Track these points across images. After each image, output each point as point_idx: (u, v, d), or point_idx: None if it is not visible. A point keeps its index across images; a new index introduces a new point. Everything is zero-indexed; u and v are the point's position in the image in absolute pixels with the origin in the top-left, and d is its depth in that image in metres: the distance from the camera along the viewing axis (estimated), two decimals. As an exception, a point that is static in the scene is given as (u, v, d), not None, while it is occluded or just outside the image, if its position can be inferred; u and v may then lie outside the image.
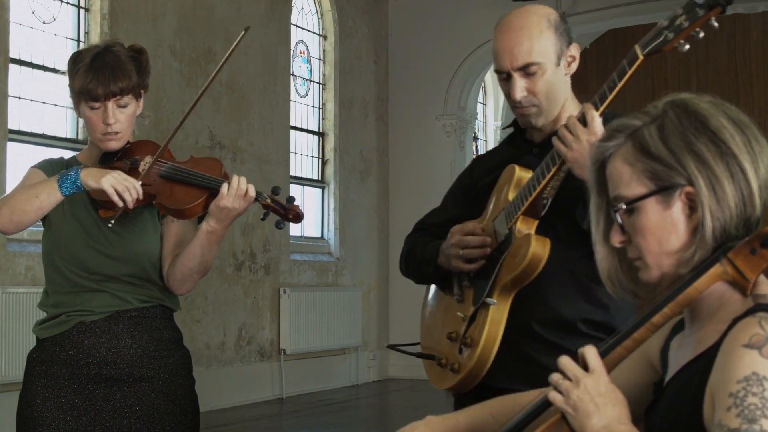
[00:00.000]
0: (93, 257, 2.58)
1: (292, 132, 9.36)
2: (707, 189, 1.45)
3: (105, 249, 2.59)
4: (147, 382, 2.59)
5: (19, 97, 6.71)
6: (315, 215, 9.87)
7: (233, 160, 8.35)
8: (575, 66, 2.38)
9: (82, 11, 7.18)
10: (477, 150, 11.66)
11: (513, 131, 2.51)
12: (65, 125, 7.07)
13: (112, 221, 2.49)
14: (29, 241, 6.51)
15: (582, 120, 2.14)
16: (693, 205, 1.47)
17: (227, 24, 8.38)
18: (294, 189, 9.37)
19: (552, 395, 1.48)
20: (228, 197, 2.47)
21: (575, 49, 2.38)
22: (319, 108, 10.04)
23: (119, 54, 2.60)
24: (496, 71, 2.40)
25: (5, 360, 6.13)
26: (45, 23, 6.97)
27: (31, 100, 6.82)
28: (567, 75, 2.37)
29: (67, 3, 7.12)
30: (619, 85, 2.09)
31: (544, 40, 2.32)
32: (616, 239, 1.54)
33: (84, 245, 2.59)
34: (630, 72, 2.06)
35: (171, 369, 2.62)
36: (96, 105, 2.57)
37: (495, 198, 2.40)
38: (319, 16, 10.12)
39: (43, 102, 6.90)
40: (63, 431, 2.54)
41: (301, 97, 9.79)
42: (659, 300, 1.49)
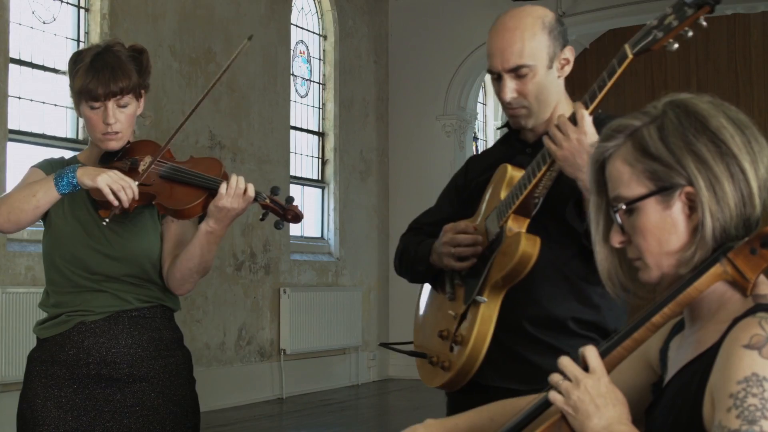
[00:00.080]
0: (93, 257, 2.58)
1: (292, 132, 9.36)
2: (707, 189, 1.45)
3: (105, 249, 2.59)
4: (147, 382, 2.59)
5: (19, 97, 6.71)
6: (315, 215, 9.87)
7: (233, 160, 8.35)
8: (569, 68, 2.38)
9: (82, 11, 7.18)
10: (477, 150, 11.65)
11: (507, 131, 2.52)
12: (65, 125, 7.07)
13: (107, 219, 2.49)
14: (29, 241, 6.51)
15: (573, 119, 2.14)
16: (693, 206, 1.47)
17: (227, 24, 8.38)
18: (294, 189, 9.37)
19: (552, 395, 1.48)
20: (227, 197, 2.47)
21: (570, 52, 2.37)
22: (319, 108, 10.04)
23: (119, 54, 2.60)
24: (488, 71, 2.40)
25: (5, 360, 6.13)
26: (45, 23, 6.97)
27: (31, 100, 6.82)
28: (560, 77, 2.37)
29: (67, 3, 7.12)
30: (609, 84, 2.09)
31: (536, 42, 2.31)
32: (615, 239, 1.54)
33: (84, 245, 2.59)
34: (619, 71, 2.05)
35: (171, 369, 2.62)
36: (96, 105, 2.57)
37: (488, 197, 2.41)
38: (319, 16, 10.12)
39: (43, 102, 6.90)
40: (63, 431, 2.54)
41: (301, 97, 9.79)
42: (659, 300, 1.49)
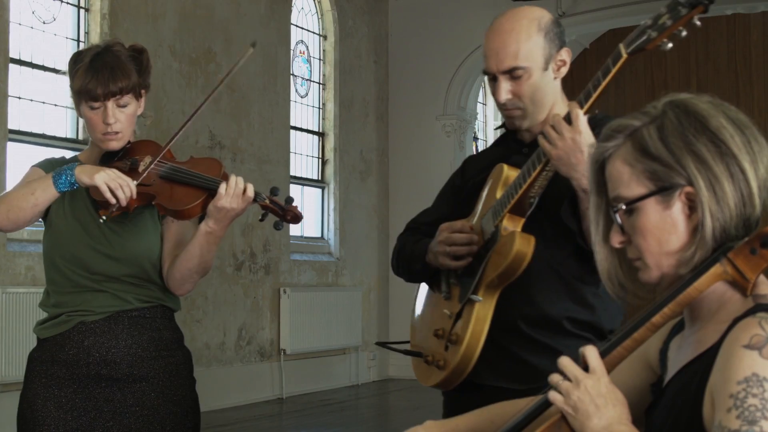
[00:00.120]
0: (93, 257, 2.58)
1: (292, 132, 9.36)
2: (707, 189, 1.44)
3: (105, 249, 2.59)
4: (147, 382, 2.59)
5: (19, 97, 6.72)
6: (315, 215, 9.87)
7: (233, 160, 8.36)
8: (565, 70, 2.38)
9: (82, 11, 7.18)
10: (477, 150, 11.65)
11: (504, 132, 2.52)
12: (65, 125, 7.07)
13: (104, 218, 2.49)
14: (29, 241, 6.51)
15: (567, 118, 2.14)
16: (693, 206, 1.46)
17: (227, 24, 8.38)
18: (294, 189, 9.37)
19: (552, 395, 1.48)
20: (226, 197, 2.47)
21: (566, 54, 2.37)
22: (319, 108, 10.04)
23: (119, 54, 2.60)
24: (483, 72, 2.41)
25: (5, 360, 6.13)
26: (45, 23, 6.97)
27: (31, 100, 6.82)
28: (556, 79, 2.37)
29: (67, 3, 7.12)
30: (603, 84, 2.10)
31: (531, 44, 2.32)
32: (615, 240, 1.54)
33: (84, 245, 2.59)
34: (614, 70, 2.05)
35: (171, 369, 2.62)
36: (96, 105, 2.57)
37: (484, 197, 2.41)
38: (319, 16, 10.12)
39: (43, 102, 6.90)
40: (63, 431, 2.54)
41: (301, 97, 9.79)
42: (659, 300, 1.48)
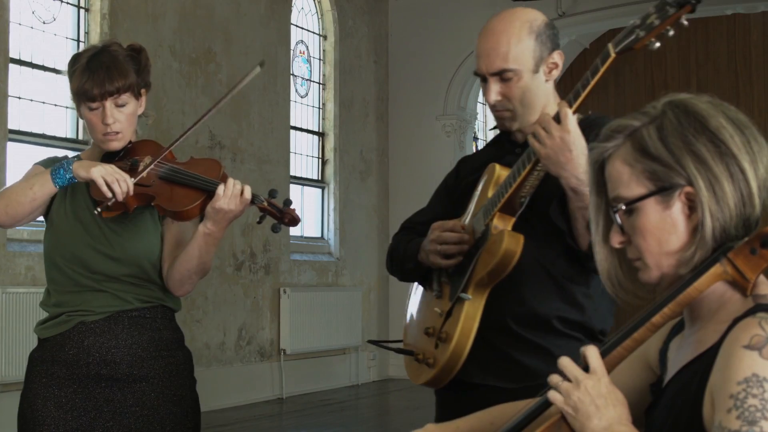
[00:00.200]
0: (93, 257, 2.58)
1: (292, 132, 9.36)
2: (707, 189, 1.44)
3: (105, 249, 2.59)
4: (147, 382, 2.58)
5: (19, 97, 6.72)
6: (315, 215, 9.87)
7: (233, 160, 8.36)
8: (557, 73, 2.39)
9: (82, 11, 7.18)
10: (477, 150, 11.65)
11: (499, 132, 2.54)
12: (65, 125, 7.07)
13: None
14: (29, 241, 6.51)
15: (557, 118, 2.15)
16: (692, 206, 1.46)
17: (227, 24, 8.38)
18: (294, 189, 9.37)
19: (552, 395, 1.48)
20: (224, 199, 2.47)
21: (558, 56, 2.38)
22: (319, 108, 10.04)
23: (116, 54, 2.59)
24: (474, 73, 2.42)
25: (5, 360, 6.13)
26: (45, 23, 6.97)
27: (31, 100, 6.83)
28: (548, 81, 2.38)
29: (67, 3, 7.12)
30: (592, 83, 2.11)
31: (522, 46, 2.32)
32: (615, 240, 1.54)
33: (84, 245, 2.59)
34: (602, 70, 2.07)
35: (171, 369, 2.62)
36: (94, 105, 2.57)
37: (476, 196, 2.43)
38: (319, 16, 10.12)
39: (43, 102, 6.90)
40: (63, 431, 2.54)
41: (301, 97, 9.79)
42: (659, 300, 1.48)
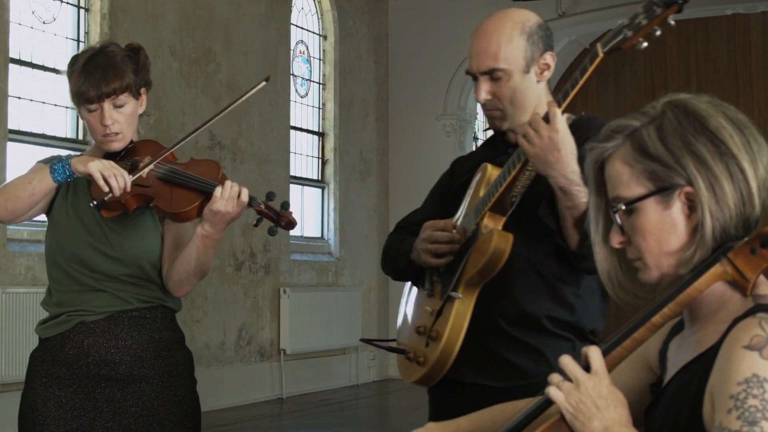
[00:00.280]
0: (93, 256, 2.59)
1: (292, 132, 9.36)
2: (706, 189, 1.44)
3: (105, 249, 2.59)
4: (147, 382, 2.58)
5: (19, 97, 6.72)
6: (315, 215, 9.87)
7: (233, 160, 8.36)
8: (549, 74, 2.41)
9: (82, 11, 7.18)
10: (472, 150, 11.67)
11: (493, 133, 2.55)
12: (65, 125, 7.07)
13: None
14: (29, 241, 6.51)
15: (546, 117, 2.16)
16: (692, 206, 1.46)
17: (227, 24, 8.38)
18: (294, 189, 9.37)
19: (554, 393, 1.47)
20: (221, 201, 2.46)
21: (551, 58, 2.40)
22: (319, 108, 10.04)
23: (113, 54, 2.59)
24: (466, 72, 2.45)
25: (5, 360, 6.13)
26: (45, 23, 6.97)
27: (31, 100, 6.82)
28: (540, 82, 2.39)
29: (67, 3, 7.12)
30: (581, 82, 2.12)
31: (513, 46, 2.35)
32: (615, 240, 1.54)
33: (85, 244, 2.59)
34: (591, 69, 2.08)
35: (171, 370, 2.62)
36: (92, 107, 2.57)
37: (469, 196, 2.44)
38: (319, 16, 10.12)
39: (43, 102, 6.90)
40: (63, 431, 2.54)
41: (301, 97, 9.79)
42: (659, 300, 1.48)
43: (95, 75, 2.55)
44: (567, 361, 1.48)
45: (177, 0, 7.82)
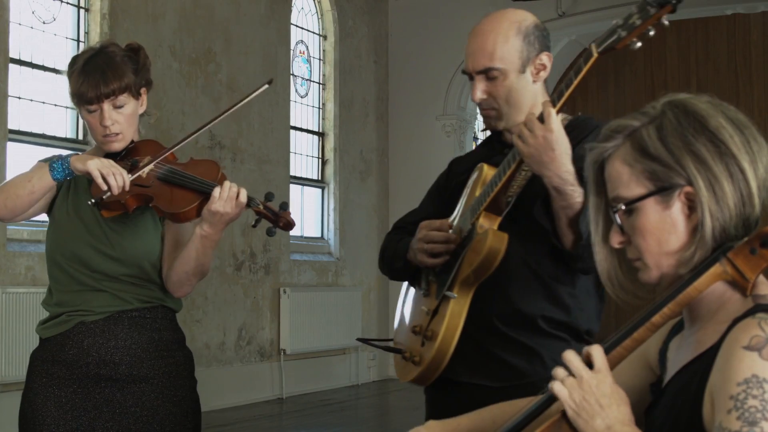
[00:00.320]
0: (93, 256, 2.59)
1: (292, 132, 9.36)
2: (706, 189, 1.45)
3: (105, 249, 2.59)
4: (147, 382, 2.58)
5: (19, 97, 6.72)
6: (315, 215, 9.87)
7: (233, 160, 8.35)
8: (545, 74, 2.41)
9: (82, 11, 7.18)
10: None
11: (490, 133, 2.56)
12: (65, 125, 7.07)
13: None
14: (29, 241, 6.51)
15: (541, 117, 2.16)
16: (692, 205, 1.47)
17: (227, 24, 8.38)
18: (294, 189, 9.37)
19: (557, 389, 1.47)
20: (219, 201, 2.46)
21: (547, 58, 2.40)
22: (319, 108, 10.04)
23: (112, 55, 2.59)
24: (462, 71, 2.46)
25: (5, 360, 6.13)
26: (45, 23, 6.97)
27: (31, 100, 6.82)
28: (536, 82, 2.40)
29: (67, 3, 7.12)
30: (575, 82, 2.13)
31: (508, 46, 2.36)
32: (615, 240, 1.54)
33: (85, 244, 2.59)
34: (585, 69, 2.08)
35: (171, 370, 2.62)
36: (92, 108, 2.57)
37: (465, 196, 2.45)
38: (319, 16, 10.12)
39: (43, 102, 6.90)
40: (63, 431, 2.54)
41: (301, 97, 9.79)
42: (659, 300, 1.48)
43: (94, 76, 2.54)
44: (571, 357, 1.47)
45: (177, 0, 7.82)
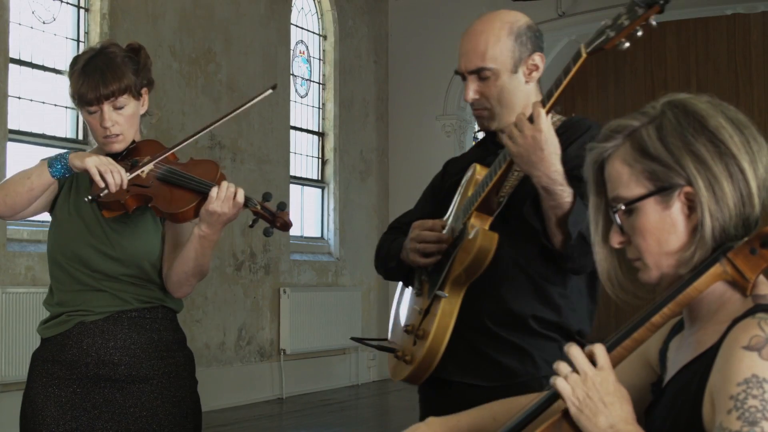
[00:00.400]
0: (93, 256, 2.59)
1: (292, 132, 9.36)
2: (706, 189, 1.44)
3: (105, 249, 2.59)
4: (147, 383, 2.58)
5: (19, 97, 6.72)
6: (315, 215, 9.87)
7: (233, 160, 8.35)
8: (537, 74, 2.42)
9: (82, 11, 7.18)
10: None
11: (485, 134, 2.57)
12: (65, 125, 7.07)
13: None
14: (29, 241, 6.51)
15: (531, 118, 2.17)
16: (692, 206, 1.47)
17: (227, 24, 8.38)
18: (294, 189, 9.37)
19: (561, 385, 1.46)
20: (216, 201, 2.46)
21: (539, 58, 2.42)
22: (319, 108, 10.04)
23: (112, 56, 2.59)
24: (455, 72, 2.48)
25: (5, 360, 6.12)
26: (45, 23, 6.97)
27: (31, 100, 6.82)
28: (528, 83, 2.41)
29: (67, 3, 7.12)
30: (564, 82, 2.14)
31: (500, 46, 2.37)
32: (615, 240, 1.54)
33: (86, 243, 2.59)
34: (574, 69, 2.09)
35: (171, 370, 2.62)
36: (92, 109, 2.57)
37: (458, 196, 2.46)
38: (319, 16, 10.12)
39: (43, 102, 6.90)
40: (62, 431, 2.54)
41: (301, 97, 9.79)
42: (659, 300, 1.48)
43: (94, 77, 2.54)
44: (576, 353, 1.47)
45: (177, 0, 7.82)
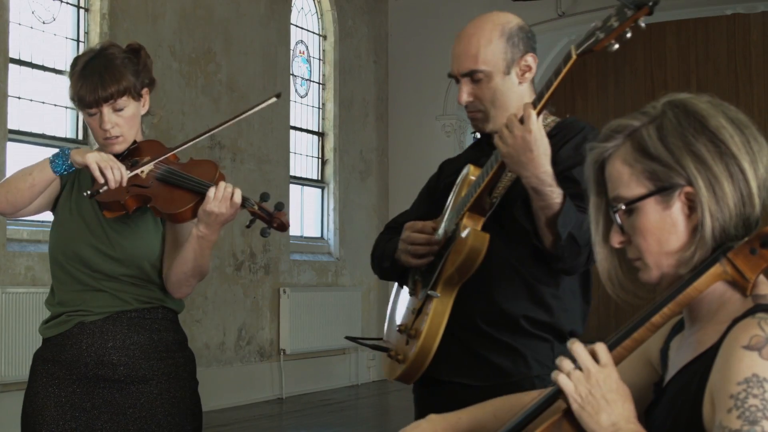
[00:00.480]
0: (94, 256, 2.59)
1: (291, 132, 9.36)
2: (706, 189, 1.45)
3: (106, 249, 2.59)
4: (147, 383, 2.58)
5: (19, 97, 6.72)
6: (315, 215, 9.87)
7: (233, 160, 8.35)
8: (530, 75, 2.44)
9: (82, 11, 7.18)
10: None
11: (480, 136, 2.58)
12: (65, 125, 7.07)
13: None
14: (29, 241, 6.51)
15: (522, 119, 2.18)
16: (692, 205, 1.47)
17: (227, 24, 8.38)
18: (294, 189, 9.37)
19: (563, 381, 1.46)
20: (213, 202, 2.45)
21: (532, 59, 2.43)
22: (319, 108, 10.04)
23: (111, 57, 2.58)
24: (448, 75, 2.48)
25: (5, 360, 6.12)
26: (45, 23, 6.97)
27: (31, 100, 6.82)
28: (522, 84, 2.42)
29: (67, 3, 7.12)
30: (555, 84, 2.15)
31: (492, 48, 2.38)
32: (615, 240, 1.54)
33: (86, 243, 2.59)
34: (564, 71, 2.10)
35: (171, 371, 2.61)
36: (91, 111, 2.57)
37: (452, 197, 2.47)
38: (319, 16, 10.12)
39: (43, 102, 6.90)
40: (62, 431, 2.54)
41: (301, 97, 9.79)
42: (659, 300, 1.48)
43: (92, 79, 2.54)
44: (579, 349, 1.47)
45: (177, 0, 7.82)
